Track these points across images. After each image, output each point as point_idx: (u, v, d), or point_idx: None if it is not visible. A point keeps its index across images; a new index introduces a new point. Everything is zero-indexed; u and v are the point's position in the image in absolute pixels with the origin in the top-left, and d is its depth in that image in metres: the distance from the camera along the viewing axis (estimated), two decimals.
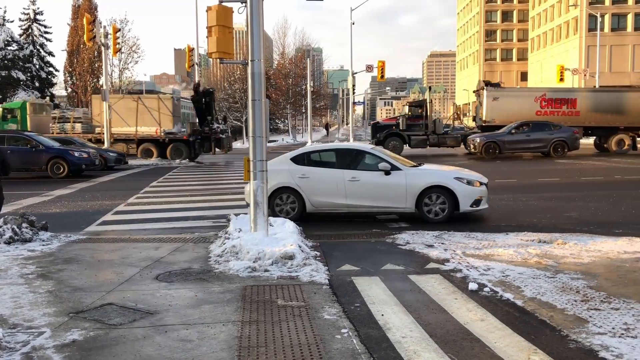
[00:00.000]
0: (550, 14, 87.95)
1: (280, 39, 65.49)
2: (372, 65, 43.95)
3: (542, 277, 6.22)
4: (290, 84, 61.46)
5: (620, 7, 76.12)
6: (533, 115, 29.14)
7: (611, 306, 5.15)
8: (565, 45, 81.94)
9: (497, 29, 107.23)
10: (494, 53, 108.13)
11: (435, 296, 5.62)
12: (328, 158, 10.73)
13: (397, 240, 8.41)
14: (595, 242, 8.05)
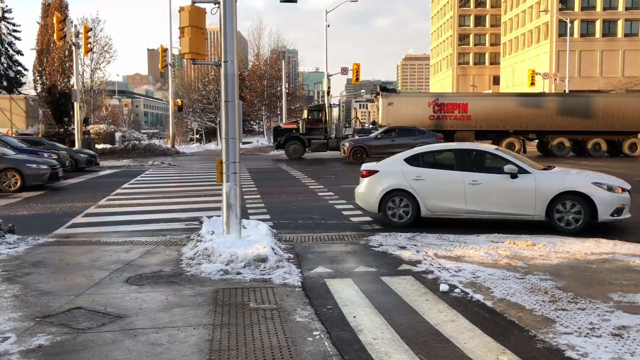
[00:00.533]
0: (522, 19, 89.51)
1: (255, 41, 65.31)
2: (347, 68, 44.08)
3: (511, 278, 6.32)
4: (265, 86, 61.29)
5: (589, 14, 77.90)
6: (427, 119, 29.95)
7: (578, 306, 5.26)
8: (536, 50, 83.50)
9: (470, 34, 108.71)
10: (467, 57, 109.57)
11: (407, 297, 5.67)
12: (446, 159, 10.14)
13: (370, 242, 8.45)
14: (563, 243, 8.21)
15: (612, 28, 78.59)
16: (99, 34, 47.18)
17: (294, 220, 10.83)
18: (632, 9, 77.92)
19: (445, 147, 10.66)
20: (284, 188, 16.18)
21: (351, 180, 18.77)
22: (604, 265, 6.90)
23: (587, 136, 30.37)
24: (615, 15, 78.08)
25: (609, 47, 77.97)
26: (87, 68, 48.93)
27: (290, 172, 21.89)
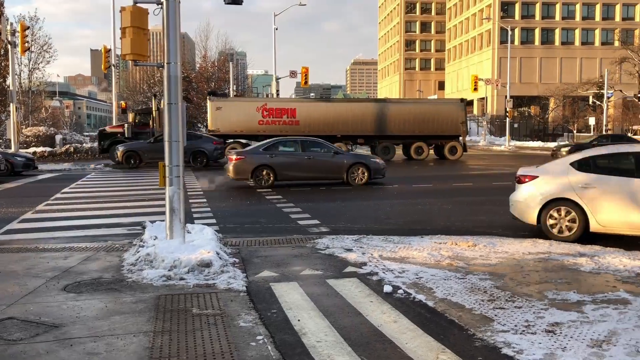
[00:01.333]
0: (466, 27, 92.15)
1: (203, 42, 64.41)
2: (296, 71, 44.19)
3: (453, 278, 6.47)
4: (213, 88, 60.53)
5: (528, 22, 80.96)
6: (256, 124, 29.81)
7: (515, 305, 5.44)
8: (479, 56, 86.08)
9: (416, 39, 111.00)
10: (413, 62, 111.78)
11: (352, 300, 5.71)
12: (625, 164, 8.82)
13: (317, 245, 8.47)
14: (503, 244, 8.48)
15: (550, 36, 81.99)
16: (38, 32, 45.35)
17: (240, 224, 10.74)
18: (568, 19, 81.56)
19: (624, 150, 9.29)
20: (231, 192, 16.02)
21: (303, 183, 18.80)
22: (540, 264, 7.17)
23: (411, 140, 30.98)
24: (553, 24, 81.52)
25: (547, 54, 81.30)
26: (24, 68, 47.00)
27: None
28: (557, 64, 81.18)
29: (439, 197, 14.52)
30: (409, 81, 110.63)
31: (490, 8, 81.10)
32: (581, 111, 65.42)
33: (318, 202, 13.68)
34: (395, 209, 12.65)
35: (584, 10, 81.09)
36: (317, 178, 17.10)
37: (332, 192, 16.13)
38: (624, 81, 65.30)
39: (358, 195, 15.08)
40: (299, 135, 27.66)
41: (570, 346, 4.35)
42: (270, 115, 30.04)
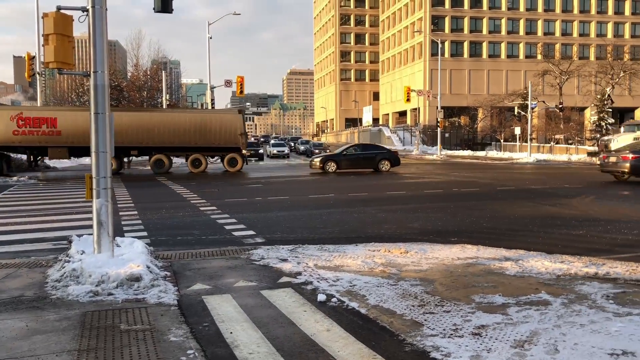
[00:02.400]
0: (398, 39, 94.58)
1: (134, 50, 62.90)
2: (231, 80, 43.86)
3: (385, 285, 6.59)
4: (145, 97, 59.15)
5: (457, 35, 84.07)
6: (10, 134, 27.89)
7: (444, 309, 5.60)
8: (411, 68, 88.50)
9: (351, 51, 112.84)
10: (348, 73, 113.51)
11: (285, 310, 5.70)
12: None
13: (252, 256, 8.40)
14: (433, 250, 8.71)
15: (478, 49, 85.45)
16: None
17: (173, 236, 10.50)
18: (494, 33, 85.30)
19: None
20: (164, 203, 15.66)
21: (236, 194, 18.64)
22: (468, 269, 7.42)
23: (188, 152, 30.33)
24: (480, 38, 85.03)
25: (475, 66, 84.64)
26: None
27: (171, 186, 21.25)
28: (485, 76, 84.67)
29: (374, 205, 14.76)
30: (345, 91, 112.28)
31: (421, 21, 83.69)
32: (507, 121, 68.37)
33: (254, 213, 13.59)
34: (332, 217, 12.75)
35: (509, 25, 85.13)
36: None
37: (268, 203, 16.08)
38: (547, 92, 68.93)
39: (294, 205, 15.10)
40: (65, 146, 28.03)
41: (495, 347, 4.51)
42: (26, 125, 27.88)
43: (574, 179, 24.59)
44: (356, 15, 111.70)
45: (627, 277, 6.93)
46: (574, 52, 79.58)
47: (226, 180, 25.59)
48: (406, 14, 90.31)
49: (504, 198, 16.72)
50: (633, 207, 14.47)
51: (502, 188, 19.85)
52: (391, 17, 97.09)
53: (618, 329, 4.92)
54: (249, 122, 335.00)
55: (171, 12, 10.45)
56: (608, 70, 63.61)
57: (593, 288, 6.36)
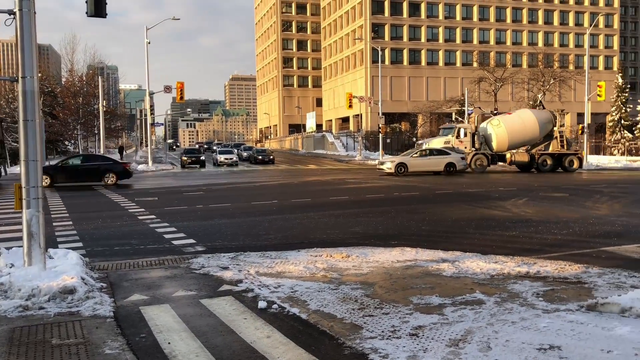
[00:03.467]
0: (340, 46, 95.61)
1: (69, 55, 60.70)
2: (171, 86, 43.07)
3: (326, 289, 6.64)
4: (81, 103, 57.18)
5: (397, 43, 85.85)
6: None
7: (383, 311, 5.70)
8: (353, 74, 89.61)
9: (293, 57, 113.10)
10: (291, 79, 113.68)
11: (225, 318, 5.64)
12: None
13: (192, 265, 8.27)
14: (374, 253, 8.85)
15: (417, 57, 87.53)
16: None
17: (110, 247, 10.19)
18: (432, 41, 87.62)
19: None
20: (101, 213, 15.17)
21: (177, 202, 18.29)
22: (407, 271, 7.58)
23: None
24: (419, 46, 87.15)
25: (414, 74, 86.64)
26: None
27: (110, 196, 20.62)
28: (424, 83, 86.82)
29: (317, 211, 14.83)
30: (288, 97, 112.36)
31: (362, 29, 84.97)
32: None
33: (194, 221, 13.38)
34: (275, 224, 12.72)
35: (446, 33, 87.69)
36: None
37: (210, 210, 15.88)
38: (483, 99, 71.34)
39: (236, 212, 14.97)
40: None
41: (431, 347, 4.63)
42: None
43: (507, 182, 25.57)
44: (298, 22, 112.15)
45: (556, 275, 7.27)
46: (508, 60, 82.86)
47: (169, 188, 25.08)
48: (347, 21, 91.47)
49: (442, 201, 17.19)
50: (563, 208, 15.19)
51: (440, 192, 20.39)
52: (332, 24, 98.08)
53: (546, 324, 5.15)
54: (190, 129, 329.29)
55: (105, 16, 10.17)
56: (539, 78, 66.64)
57: (524, 287, 6.64)
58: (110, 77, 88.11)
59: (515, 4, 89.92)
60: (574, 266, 7.73)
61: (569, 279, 7.00)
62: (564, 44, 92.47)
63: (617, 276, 7.12)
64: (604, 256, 8.71)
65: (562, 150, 35.62)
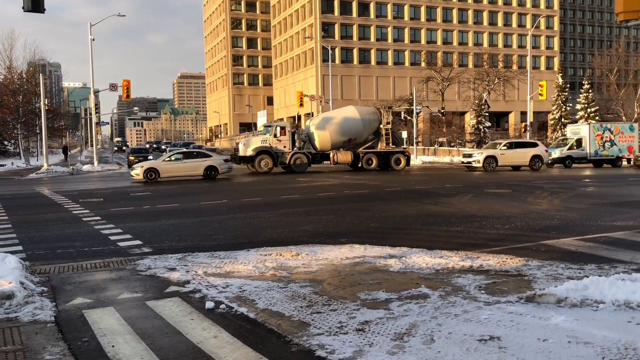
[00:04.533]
0: (290, 45, 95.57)
1: (7, 51, 58.23)
2: (117, 84, 42.00)
3: (275, 288, 6.64)
4: (21, 102, 55.00)
5: (347, 42, 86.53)
6: None
7: (330, 308, 5.76)
8: (304, 73, 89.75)
9: (243, 55, 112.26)
10: (241, 77, 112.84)
11: (172, 319, 5.57)
12: None
13: (138, 266, 8.11)
14: (323, 251, 8.91)
15: (366, 56, 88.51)
16: None
17: (52, 249, 9.86)
18: (381, 40, 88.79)
19: None
20: (43, 215, 14.66)
21: (123, 203, 17.87)
22: (355, 268, 7.68)
23: None
24: (369, 45, 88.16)
25: (365, 73, 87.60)
26: None
27: (52, 197, 19.93)
28: (374, 82, 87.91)
29: (267, 210, 14.80)
30: (238, 96, 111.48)
31: (312, 28, 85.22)
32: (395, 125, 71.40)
33: (141, 222, 13.11)
34: (224, 224, 12.62)
35: (394, 33, 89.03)
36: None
37: (157, 211, 15.60)
38: (431, 98, 72.86)
39: (185, 212, 14.77)
40: None
41: (377, 342, 4.72)
42: None
43: (454, 179, 26.23)
44: (247, 20, 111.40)
45: (498, 268, 7.52)
46: (454, 59, 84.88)
47: (115, 188, 24.44)
48: (297, 20, 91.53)
49: (391, 199, 17.47)
50: (505, 203, 15.70)
51: (389, 189, 20.71)
52: (283, 22, 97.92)
53: (487, 316, 5.33)
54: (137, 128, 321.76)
55: (43, 11, 9.79)
56: (484, 77, 68.54)
57: (468, 280, 6.84)
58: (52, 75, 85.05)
59: (461, 5, 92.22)
60: (515, 259, 8.02)
61: (510, 272, 7.25)
62: (507, 45, 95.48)
63: (555, 268, 7.43)
64: (543, 249, 9.07)
65: (388, 148, 35.00)
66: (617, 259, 8.07)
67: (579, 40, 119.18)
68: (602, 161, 38.11)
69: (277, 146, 32.89)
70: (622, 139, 38.59)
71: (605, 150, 38.08)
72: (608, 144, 38.33)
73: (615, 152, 38.20)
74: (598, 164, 38.16)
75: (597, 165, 38.17)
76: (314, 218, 13.24)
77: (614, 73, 65.48)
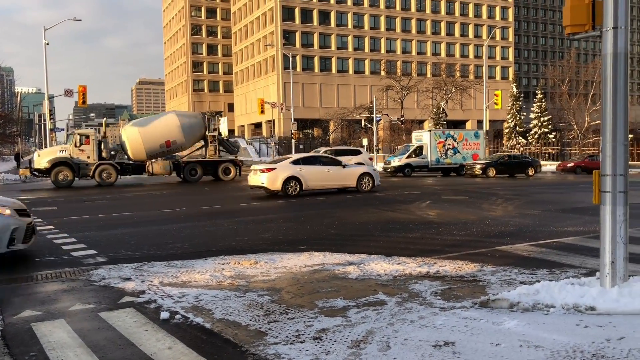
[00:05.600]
0: (252, 52, 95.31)
1: None
2: (73, 90, 40.99)
3: (232, 297, 6.58)
4: None
5: (308, 50, 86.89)
6: None
7: (288, 316, 5.73)
8: (265, 80, 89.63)
9: (204, 61, 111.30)
10: (202, 84, 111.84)
11: (125, 331, 5.44)
12: None
13: (92, 277, 7.91)
14: (283, 259, 8.88)
15: (327, 64, 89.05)
16: None
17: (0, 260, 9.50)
18: (342, 49, 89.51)
19: None
20: None
21: (76, 211, 17.39)
22: (314, 275, 7.67)
23: None
24: (330, 54, 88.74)
25: (325, 81, 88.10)
26: None
27: None
28: (335, 90, 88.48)
29: (226, 218, 14.66)
30: (198, 102, 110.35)
31: (273, 35, 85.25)
32: (356, 133, 72.11)
33: (96, 231, 12.79)
34: (182, 232, 12.43)
35: (355, 42, 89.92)
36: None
37: (113, 219, 15.26)
38: (390, 106, 73.84)
39: (142, 221, 14.49)
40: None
41: (333, 349, 4.72)
42: None
43: (412, 185, 26.58)
44: (208, 26, 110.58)
45: (454, 274, 7.65)
46: (413, 69, 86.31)
47: (70, 196, 23.78)
48: (258, 27, 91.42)
49: (350, 205, 17.56)
50: (462, 210, 16.00)
51: (349, 196, 20.81)
52: (244, 29, 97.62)
53: (442, 322, 5.41)
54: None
55: None
56: (442, 87, 69.93)
57: (424, 286, 6.93)
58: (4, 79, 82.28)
59: (419, 16, 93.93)
60: (470, 265, 8.17)
61: (466, 278, 7.39)
62: (464, 55, 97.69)
63: (509, 273, 7.61)
64: (497, 255, 9.27)
65: (215, 157, 32.47)
66: (568, 264, 8.32)
67: (532, 51, 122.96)
68: (449, 169, 36.87)
69: (79, 157, 29.23)
70: (467, 147, 37.34)
71: (447, 158, 36.69)
72: (451, 151, 36.93)
73: (458, 160, 36.72)
74: (446, 172, 37.01)
75: (446, 174, 37.11)
76: (273, 226, 13.18)
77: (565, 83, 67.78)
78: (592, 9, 6.23)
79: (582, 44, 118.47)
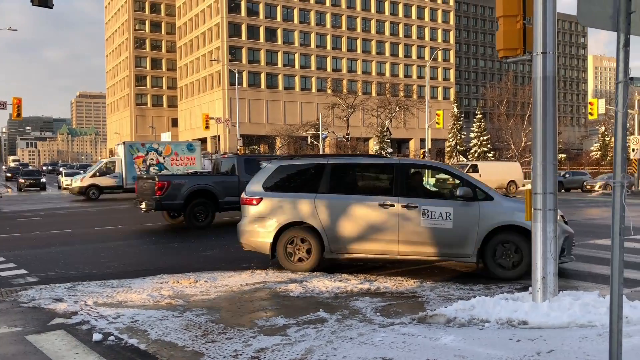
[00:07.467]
0: (197, 66, 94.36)
1: None
2: (6, 102, 39.23)
3: (170, 317, 6.40)
4: None
5: (255, 67, 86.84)
6: None
7: (226, 336, 5.62)
8: (211, 95, 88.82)
9: (147, 75, 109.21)
10: (145, 98, 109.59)
11: (54, 354, 5.19)
12: None
13: (20, 297, 7.52)
14: (223, 277, 8.73)
15: (274, 81, 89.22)
16: None
17: None
18: (289, 66, 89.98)
19: None
20: None
21: (8, 229, 16.57)
22: (255, 294, 7.58)
23: None
24: (276, 70, 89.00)
25: (272, 97, 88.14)
26: None
27: None
28: (282, 107, 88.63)
29: (165, 235, 14.33)
30: (141, 117, 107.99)
31: (219, 50, 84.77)
32: (303, 149, 72.33)
33: (28, 249, 12.22)
34: (120, 250, 12.05)
35: (301, 60, 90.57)
36: None
37: (47, 237, 14.63)
38: (336, 124, 74.54)
39: (78, 239, 13.95)
40: None
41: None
42: None
43: None
44: (152, 40, 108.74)
45: (394, 290, 7.74)
46: (359, 87, 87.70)
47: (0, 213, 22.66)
48: (204, 42, 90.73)
49: None
50: None
51: None
52: (189, 44, 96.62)
53: (381, 338, 5.44)
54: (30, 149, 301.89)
55: (51, 7, 9.95)
56: (386, 105, 71.33)
57: (365, 303, 6.97)
58: None
59: (365, 36, 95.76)
60: (410, 281, 8.29)
61: (405, 294, 7.48)
62: (408, 75, 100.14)
63: (447, 289, 7.76)
64: (436, 270, 9.45)
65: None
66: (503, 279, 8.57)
67: (472, 72, 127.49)
68: None
69: None
70: (177, 162, 32.25)
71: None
72: (155, 168, 31.16)
73: None
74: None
75: None
76: (215, 243, 12.99)
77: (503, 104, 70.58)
78: (523, 35, 6.55)
79: (519, 66, 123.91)
